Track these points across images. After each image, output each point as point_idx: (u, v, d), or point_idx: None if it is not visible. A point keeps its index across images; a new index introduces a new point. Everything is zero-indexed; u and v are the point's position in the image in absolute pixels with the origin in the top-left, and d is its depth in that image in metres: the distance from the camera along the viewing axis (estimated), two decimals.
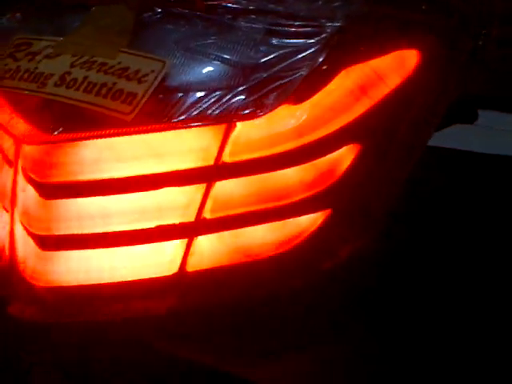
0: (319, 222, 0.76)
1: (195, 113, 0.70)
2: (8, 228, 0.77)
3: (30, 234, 0.75)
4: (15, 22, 0.89)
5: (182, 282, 0.74)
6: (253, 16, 0.76)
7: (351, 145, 0.75)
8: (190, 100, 0.70)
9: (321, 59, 0.72)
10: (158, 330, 0.76)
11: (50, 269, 0.75)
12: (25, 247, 0.76)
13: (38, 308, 0.75)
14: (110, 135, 0.70)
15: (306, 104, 0.72)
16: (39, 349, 0.84)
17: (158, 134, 0.71)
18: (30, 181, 0.73)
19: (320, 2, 0.77)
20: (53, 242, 0.74)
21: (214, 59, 0.73)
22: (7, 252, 0.77)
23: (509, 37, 0.89)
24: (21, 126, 0.73)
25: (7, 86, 0.76)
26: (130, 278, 0.74)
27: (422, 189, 0.90)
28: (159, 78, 0.71)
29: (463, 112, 0.95)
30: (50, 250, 0.74)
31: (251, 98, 0.70)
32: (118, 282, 0.74)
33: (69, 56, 0.76)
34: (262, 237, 0.75)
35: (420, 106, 0.79)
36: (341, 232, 0.77)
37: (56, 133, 0.70)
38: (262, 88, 0.70)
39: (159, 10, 0.78)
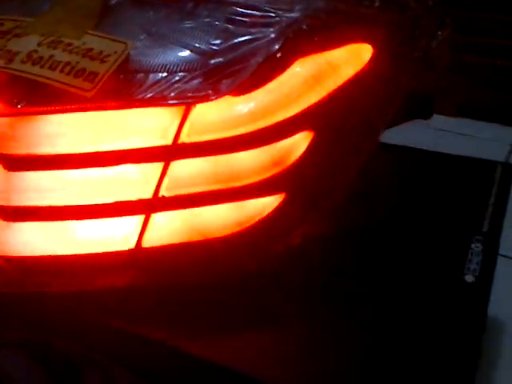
0: (274, 205, 0.79)
1: (153, 93, 0.73)
2: None
3: None
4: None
5: (138, 257, 0.77)
6: (214, 5, 0.80)
7: (305, 132, 0.79)
8: (150, 80, 0.74)
9: (276, 47, 0.75)
10: (115, 306, 0.78)
11: (9, 239, 0.77)
12: None
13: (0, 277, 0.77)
14: (69, 110, 0.73)
15: (261, 90, 0.76)
16: (3, 329, 0.86)
17: (118, 111, 0.74)
18: None
19: None
20: (12, 213, 0.76)
21: (175, 44, 0.77)
22: None
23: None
24: None
25: None
26: (86, 251, 0.77)
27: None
28: (121, 59, 0.74)
29: (419, 108, 0.99)
30: (9, 220, 0.76)
31: (207, 82, 0.74)
32: (75, 255, 0.77)
33: (37, 35, 0.78)
34: (216, 217, 0.78)
35: (372, 97, 0.82)
36: (294, 216, 0.81)
37: (19, 106, 0.73)
38: (218, 73, 0.74)
39: None
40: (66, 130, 0.74)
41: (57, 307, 0.80)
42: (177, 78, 0.74)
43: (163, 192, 0.76)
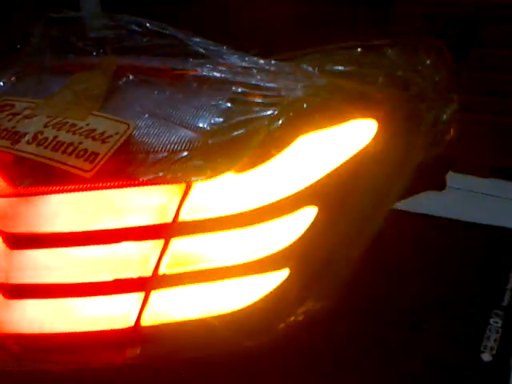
0: (277, 282, 0.78)
1: (153, 172, 0.74)
2: None
3: None
4: (9, 86, 0.96)
5: (137, 335, 0.76)
6: (217, 85, 0.81)
7: (308, 208, 0.78)
8: (150, 160, 0.74)
9: (275, 126, 0.76)
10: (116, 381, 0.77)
11: (9, 316, 0.77)
12: None
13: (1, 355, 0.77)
14: (69, 190, 0.74)
15: (262, 168, 0.76)
16: None
17: (117, 190, 0.75)
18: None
19: (282, 75, 0.82)
20: (12, 291, 0.77)
21: (177, 123, 0.78)
22: None
23: None
24: None
25: None
26: (86, 329, 0.76)
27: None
28: (122, 139, 0.75)
29: (432, 180, 0.97)
30: (9, 297, 0.77)
31: (207, 161, 0.74)
32: (74, 333, 0.76)
33: (44, 117, 0.81)
34: (218, 294, 0.77)
35: (378, 172, 0.81)
36: (298, 293, 0.79)
37: (21, 186, 0.74)
38: (218, 151, 0.74)
39: (131, 77, 0.84)
40: (66, 210, 0.75)
41: None
42: (177, 158, 0.75)
43: (163, 269, 0.75)
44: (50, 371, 0.78)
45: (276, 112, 0.77)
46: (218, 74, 0.82)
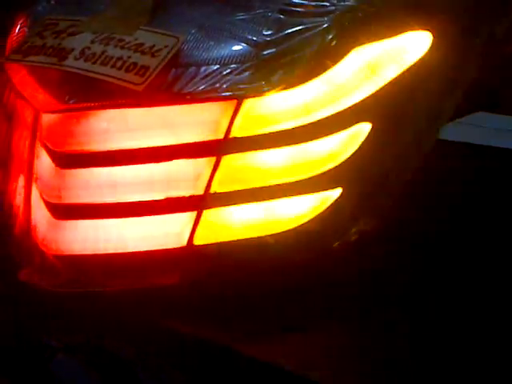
0: (331, 200, 0.76)
1: (205, 86, 0.72)
2: (23, 194, 0.80)
3: (43, 201, 0.77)
4: (49, 8, 0.93)
5: (190, 254, 0.75)
6: None
7: (363, 123, 0.76)
8: (201, 73, 0.72)
9: (330, 36, 0.73)
10: (167, 304, 0.76)
11: (60, 237, 0.77)
12: (38, 214, 0.78)
13: (48, 275, 0.76)
14: (121, 105, 0.72)
15: (316, 81, 0.73)
16: (61, 333, 0.85)
17: (169, 106, 0.73)
18: (46, 149, 0.76)
19: None
20: (64, 211, 0.76)
21: (227, 36, 0.75)
22: (21, 218, 0.80)
23: None
24: (40, 96, 0.76)
25: (31, 60, 0.79)
26: (137, 250, 0.76)
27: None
28: (172, 53, 0.73)
29: (485, 99, 0.93)
30: (61, 218, 0.76)
31: (259, 74, 0.72)
32: (126, 253, 0.76)
33: (90, 33, 0.78)
34: (270, 213, 0.75)
35: (433, 87, 0.78)
36: (351, 212, 0.77)
37: (71, 102, 0.73)
38: (271, 64, 0.72)
39: None
40: (116, 126, 0.74)
41: (110, 309, 0.79)
42: (228, 71, 0.72)
43: (215, 188, 0.74)
44: (102, 292, 0.78)
45: (330, 22, 0.74)
46: None
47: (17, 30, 0.96)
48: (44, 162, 0.77)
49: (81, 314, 0.78)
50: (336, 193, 0.76)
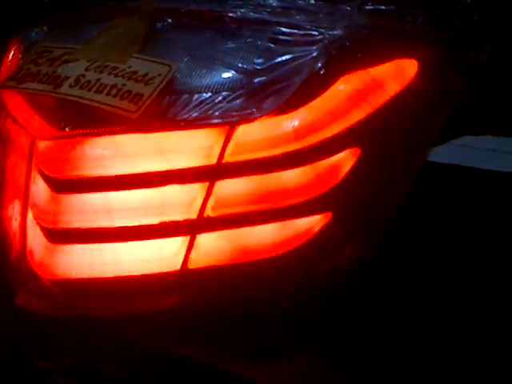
0: (320, 224, 0.78)
1: (198, 113, 0.74)
2: (19, 220, 0.81)
3: (39, 226, 0.78)
4: (42, 35, 0.95)
5: (183, 278, 0.76)
6: (257, 26, 0.80)
7: (351, 149, 0.77)
8: (194, 101, 0.74)
9: (319, 65, 0.75)
10: (160, 327, 0.77)
11: (56, 261, 0.78)
12: (34, 239, 0.79)
13: (44, 299, 0.77)
14: (115, 132, 0.73)
15: (305, 108, 0.75)
16: (56, 355, 0.86)
17: (163, 132, 0.75)
18: (42, 175, 0.77)
19: (321, 15, 0.81)
20: (59, 235, 0.77)
21: (218, 64, 0.77)
22: (17, 242, 0.81)
23: None
24: (36, 123, 0.77)
25: (26, 87, 0.81)
26: (132, 273, 0.77)
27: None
28: (165, 81, 0.75)
29: (470, 124, 0.95)
30: (56, 242, 0.77)
31: (250, 101, 0.73)
32: (121, 277, 0.77)
33: (84, 61, 0.80)
34: (262, 237, 0.77)
35: (419, 113, 0.81)
36: (342, 235, 0.79)
37: (67, 129, 0.74)
38: (262, 91, 0.74)
39: (170, 21, 0.83)
40: (111, 152, 0.75)
41: (105, 332, 0.80)
42: (220, 98, 0.74)
43: (209, 212, 0.75)
44: (95, 315, 0.79)
45: (318, 51, 0.76)
46: (257, 15, 0.81)
47: (10, 56, 0.97)
48: (39, 188, 0.78)
49: (75, 337, 0.79)
50: (325, 217, 0.78)
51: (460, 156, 0.99)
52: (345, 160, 0.78)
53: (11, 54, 0.97)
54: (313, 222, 0.78)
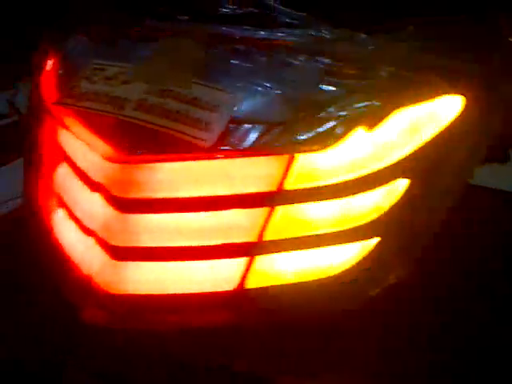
0: (369, 248, 0.83)
1: (261, 142, 0.77)
2: (76, 237, 0.83)
3: (104, 244, 0.80)
4: (82, 48, 0.95)
5: (240, 297, 0.80)
6: (312, 56, 0.83)
7: (401, 179, 0.82)
8: (257, 130, 0.77)
9: (375, 100, 0.79)
10: (213, 342, 0.81)
11: (119, 277, 0.80)
12: (95, 256, 0.81)
13: (108, 314, 0.80)
14: (186, 159, 0.76)
15: (362, 140, 0.79)
16: (87, 355, 0.89)
17: (228, 159, 0.77)
18: (106, 194, 0.79)
19: (371, 48, 0.84)
20: (123, 253, 0.80)
21: (277, 94, 0.80)
22: (76, 260, 0.83)
23: None
24: (101, 145, 0.79)
25: (87, 107, 0.82)
26: (191, 291, 0.80)
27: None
28: (231, 109, 0.78)
29: (496, 153, 1.01)
30: (121, 260, 0.80)
31: (312, 133, 0.77)
32: (181, 294, 0.80)
33: (143, 83, 0.82)
34: (316, 259, 0.81)
35: (464, 144, 0.86)
36: (388, 259, 0.84)
37: (138, 153, 0.76)
38: (320, 123, 0.77)
39: (225, 47, 0.85)
40: (178, 177, 0.78)
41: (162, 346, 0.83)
42: (282, 128, 0.77)
43: (267, 236, 0.79)
44: (153, 331, 0.82)
45: (374, 86, 0.80)
46: (308, 45, 0.84)
47: (48, 69, 0.97)
48: (102, 206, 0.80)
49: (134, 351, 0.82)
50: (375, 242, 0.83)
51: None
52: (394, 189, 0.83)
53: (49, 65, 0.97)
54: (363, 247, 0.83)
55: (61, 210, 0.89)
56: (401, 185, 0.82)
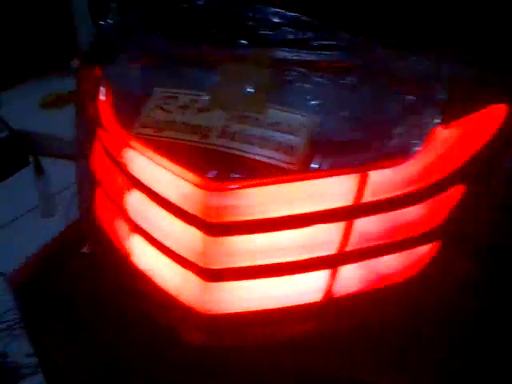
0: (434, 251, 0.90)
1: (339, 161, 0.82)
2: (168, 263, 0.87)
3: (195, 268, 0.84)
4: (136, 74, 0.98)
5: (326, 307, 0.86)
6: (373, 76, 0.89)
7: (458, 186, 0.90)
8: (333, 151, 0.83)
9: (436, 116, 0.86)
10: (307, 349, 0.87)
11: (210, 298, 0.85)
12: (185, 279, 0.85)
13: (206, 334, 0.84)
14: (278, 182, 0.81)
15: (424, 154, 0.86)
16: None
17: (312, 180, 0.83)
18: (199, 222, 0.83)
19: (422, 66, 0.91)
20: (217, 275, 0.84)
21: (347, 114, 0.85)
22: (164, 285, 0.87)
23: None
24: (189, 174, 0.82)
25: (169, 136, 0.85)
26: (278, 306, 0.86)
27: None
28: (310, 132, 0.83)
29: None
30: (214, 281, 0.84)
31: (381, 150, 0.83)
32: (272, 309, 0.85)
33: (220, 110, 0.86)
34: (392, 265, 0.88)
35: (509, 149, 0.94)
36: (451, 259, 0.91)
37: (230, 180, 0.80)
38: (389, 140, 0.83)
39: (289, 71, 0.90)
40: (266, 200, 0.82)
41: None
42: (354, 147, 0.83)
43: (348, 246, 0.85)
44: (245, 345, 0.87)
45: (433, 102, 0.87)
46: (370, 67, 0.90)
47: (103, 97, 0.99)
48: (193, 232, 0.84)
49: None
50: (437, 245, 0.90)
51: None
52: (453, 195, 0.90)
53: (101, 91, 0.99)
54: (428, 249, 0.90)
55: (137, 236, 0.92)
56: (457, 191, 0.90)
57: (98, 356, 1.00)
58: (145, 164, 0.88)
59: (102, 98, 0.99)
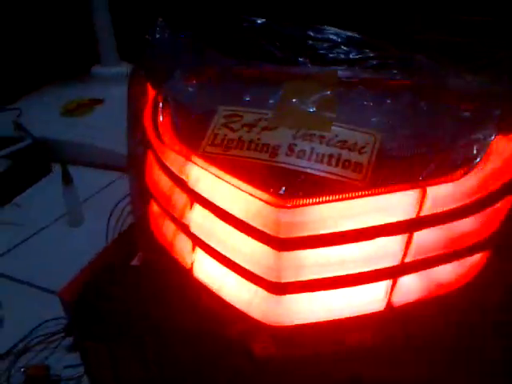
0: (484, 260, 0.94)
1: (400, 177, 0.86)
2: (234, 277, 0.90)
3: (263, 282, 0.87)
4: (194, 92, 1.00)
5: (389, 316, 0.90)
6: (431, 93, 0.93)
7: (508, 197, 0.94)
8: (396, 167, 0.86)
9: (493, 129, 0.89)
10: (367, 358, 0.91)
11: (279, 311, 0.88)
12: (257, 294, 0.88)
13: (275, 345, 0.88)
14: (345, 199, 0.84)
15: (479, 169, 0.90)
16: None
17: (375, 196, 0.86)
18: (268, 237, 0.86)
19: (476, 83, 0.95)
20: (282, 288, 0.87)
21: (407, 131, 0.89)
22: (235, 299, 0.90)
23: None
24: (257, 191, 0.85)
25: (237, 155, 0.87)
26: (345, 315, 0.89)
27: None
28: (375, 150, 0.86)
29: None
30: (279, 294, 0.87)
31: (440, 165, 0.86)
32: (336, 320, 0.89)
33: (286, 129, 0.89)
34: (449, 273, 0.92)
35: None
36: (500, 266, 0.96)
37: (300, 197, 0.83)
38: (447, 156, 0.87)
39: (349, 89, 0.93)
40: (335, 214, 0.86)
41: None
42: (417, 162, 0.87)
43: (408, 257, 0.89)
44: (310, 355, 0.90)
45: (487, 118, 0.91)
46: (425, 83, 0.94)
47: (162, 115, 1.00)
48: (261, 247, 0.87)
49: None
50: (488, 254, 0.95)
51: None
52: (503, 206, 0.94)
53: (160, 108, 1.01)
54: (480, 258, 0.94)
55: (200, 251, 0.95)
56: (507, 202, 0.94)
57: (151, 371, 1.03)
58: (210, 181, 0.91)
59: (160, 114, 1.01)
